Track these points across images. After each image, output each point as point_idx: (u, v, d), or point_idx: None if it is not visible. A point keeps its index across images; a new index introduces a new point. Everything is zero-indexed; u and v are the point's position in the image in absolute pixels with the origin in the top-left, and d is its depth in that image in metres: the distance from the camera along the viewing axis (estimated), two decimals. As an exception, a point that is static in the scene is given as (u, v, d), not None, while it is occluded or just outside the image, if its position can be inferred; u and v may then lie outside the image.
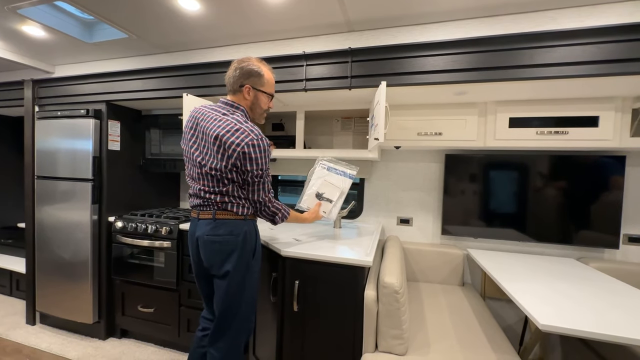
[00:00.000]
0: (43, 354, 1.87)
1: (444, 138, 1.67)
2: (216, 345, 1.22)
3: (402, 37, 1.48)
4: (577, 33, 1.20)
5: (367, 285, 1.29)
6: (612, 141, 1.47)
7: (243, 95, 1.22)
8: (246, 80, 1.21)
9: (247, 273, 1.22)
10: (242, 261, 1.20)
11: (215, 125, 1.15)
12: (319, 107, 1.88)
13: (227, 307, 1.20)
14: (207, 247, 1.19)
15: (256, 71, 1.22)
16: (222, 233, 1.18)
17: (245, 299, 1.22)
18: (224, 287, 1.19)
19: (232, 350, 1.23)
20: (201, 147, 1.19)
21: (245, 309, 1.23)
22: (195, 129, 1.22)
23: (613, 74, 1.18)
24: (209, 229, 1.18)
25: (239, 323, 1.23)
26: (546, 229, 1.75)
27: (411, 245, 1.97)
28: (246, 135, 1.11)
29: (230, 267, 1.17)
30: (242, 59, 1.23)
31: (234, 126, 1.13)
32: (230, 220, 1.19)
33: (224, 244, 1.18)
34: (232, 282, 1.19)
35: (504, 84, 1.33)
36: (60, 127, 2.04)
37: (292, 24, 1.56)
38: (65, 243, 2.04)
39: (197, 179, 1.21)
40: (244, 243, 1.20)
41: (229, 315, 1.21)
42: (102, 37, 1.80)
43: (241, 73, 1.20)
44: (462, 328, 1.39)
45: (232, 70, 1.22)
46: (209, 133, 1.15)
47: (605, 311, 1.07)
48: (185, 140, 1.27)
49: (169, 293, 1.89)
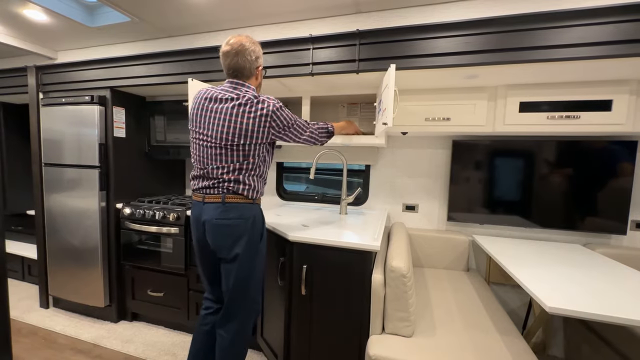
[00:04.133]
0: (58, 336, 1.94)
1: (452, 123, 1.64)
2: (226, 327, 1.26)
3: (412, 18, 1.44)
4: (596, 12, 1.15)
5: (374, 270, 1.30)
6: (624, 125, 1.43)
7: (256, 77, 1.23)
8: (258, 61, 1.22)
9: (256, 256, 1.24)
10: (251, 245, 1.21)
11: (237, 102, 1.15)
12: (324, 93, 1.84)
13: (237, 290, 1.22)
14: (216, 231, 1.19)
15: (260, 50, 1.23)
16: (233, 217, 1.18)
17: (254, 281, 1.25)
18: (234, 271, 1.21)
19: (241, 331, 1.26)
20: (221, 125, 1.15)
21: (253, 291, 1.26)
22: (206, 108, 1.19)
23: (632, 54, 1.14)
24: (219, 213, 1.18)
25: (247, 305, 1.26)
26: (553, 215, 1.74)
27: (417, 231, 1.98)
28: (267, 104, 1.15)
29: (239, 250, 1.19)
30: (246, 42, 1.18)
31: (254, 100, 1.15)
32: (240, 204, 1.19)
33: (234, 227, 1.18)
34: (242, 265, 1.20)
35: (517, 66, 1.29)
36: (65, 114, 2.03)
37: (298, 6, 1.52)
38: (75, 229, 2.07)
39: (210, 159, 1.19)
40: (253, 227, 1.21)
41: (239, 298, 1.23)
42: (105, 20, 1.77)
43: (255, 57, 1.20)
44: (467, 311, 1.41)
45: (244, 55, 1.17)
46: (233, 107, 1.15)
47: (611, 294, 1.07)
48: (196, 122, 1.21)
49: (177, 278, 1.92)
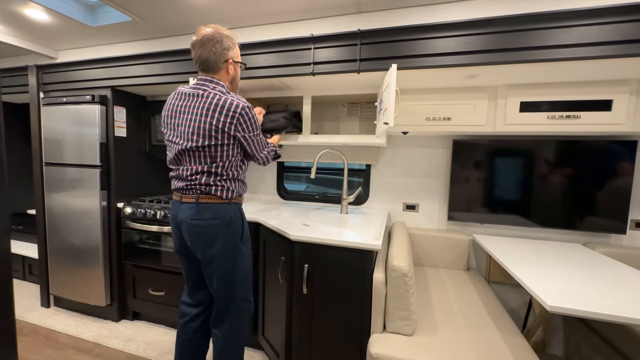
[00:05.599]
0: (59, 335, 1.94)
1: (453, 123, 1.65)
2: (219, 327, 1.26)
3: (413, 18, 1.45)
4: (596, 12, 1.15)
5: (375, 269, 1.31)
6: (624, 125, 1.44)
7: (226, 70, 1.17)
8: (228, 53, 1.16)
9: (237, 256, 1.22)
10: (229, 245, 1.19)
11: (202, 100, 1.13)
12: (325, 92, 1.85)
13: (222, 290, 1.22)
14: (191, 232, 1.18)
15: (233, 42, 1.17)
16: (206, 217, 1.16)
17: (239, 281, 1.23)
18: (214, 272, 1.20)
19: (234, 330, 1.26)
20: (187, 125, 1.14)
21: (241, 290, 1.25)
22: (177, 111, 1.18)
23: (632, 55, 1.14)
24: (193, 213, 1.17)
25: (236, 305, 1.25)
26: (553, 214, 1.75)
27: (417, 230, 1.98)
28: (236, 104, 1.11)
29: (215, 251, 1.17)
30: (212, 32, 1.12)
31: (220, 97, 1.11)
32: (214, 205, 1.17)
33: (208, 228, 1.16)
34: (221, 266, 1.19)
35: (518, 66, 1.29)
36: (66, 114, 2.03)
37: (299, 5, 1.52)
38: (76, 229, 2.07)
39: (181, 160, 1.18)
40: (229, 227, 1.19)
41: (225, 298, 1.23)
42: (106, 20, 1.77)
43: (222, 48, 1.14)
44: (467, 310, 1.42)
45: (208, 46, 1.12)
46: (198, 107, 1.12)
47: (611, 293, 1.08)
48: (167, 125, 1.22)
49: (178, 277, 1.92)
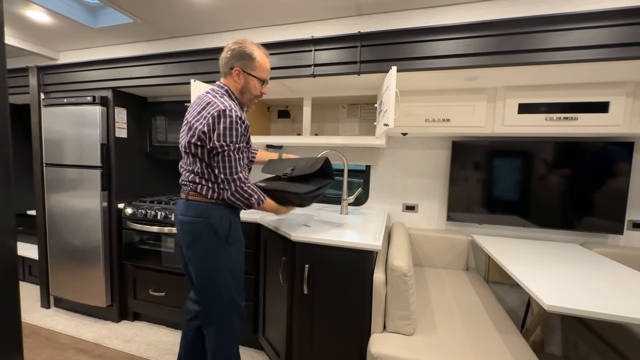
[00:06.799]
0: (60, 336, 1.94)
1: (452, 124, 1.66)
2: (207, 327, 1.26)
3: (413, 21, 1.46)
4: (593, 15, 1.17)
5: (375, 269, 1.32)
6: (621, 127, 1.46)
7: (233, 78, 1.19)
8: (237, 62, 1.18)
9: (222, 256, 1.19)
10: (212, 245, 1.18)
11: (195, 103, 1.17)
12: (325, 93, 1.86)
13: (202, 290, 1.22)
14: (179, 227, 1.22)
15: (248, 54, 1.18)
16: (191, 214, 1.18)
17: (223, 282, 1.21)
18: (193, 271, 1.21)
19: (222, 331, 1.24)
20: (184, 124, 1.21)
21: (226, 292, 1.21)
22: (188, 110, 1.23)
23: (629, 57, 1.16)
24: (181, 209, 1.20)
25: (222, 306, 1.22)
26: (551, 215, 1.76)
27: (416, 231, 1.99)
28: (214, 107, 1.09)
29: (197, 249, 1.18)
30: (237, 41, 1.19)
31: (211, 99, 1.13)
32: (199, 203, 1.18)
33: (191, 225, 1.17)
34: (201, 265, 1.19)
35: (516, 68, 1.31)
36: (67, 114, 2.04)
37: (300, 8, 1.53)
38: (76, 229, 2.07)
39: (182, 157, 1.24)
40: (212, 227, 1.17)
41: (207, 298, 1.22)
42: (107, 21, 1.78)
43: (232, 55, 1.18)
44: (467, 310, 1.43)
45: (224, 51, 1.19)
46: (194, 106, 1.17)
47: (608, 292, 1.09)
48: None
49: (179, 278, 1.93)
